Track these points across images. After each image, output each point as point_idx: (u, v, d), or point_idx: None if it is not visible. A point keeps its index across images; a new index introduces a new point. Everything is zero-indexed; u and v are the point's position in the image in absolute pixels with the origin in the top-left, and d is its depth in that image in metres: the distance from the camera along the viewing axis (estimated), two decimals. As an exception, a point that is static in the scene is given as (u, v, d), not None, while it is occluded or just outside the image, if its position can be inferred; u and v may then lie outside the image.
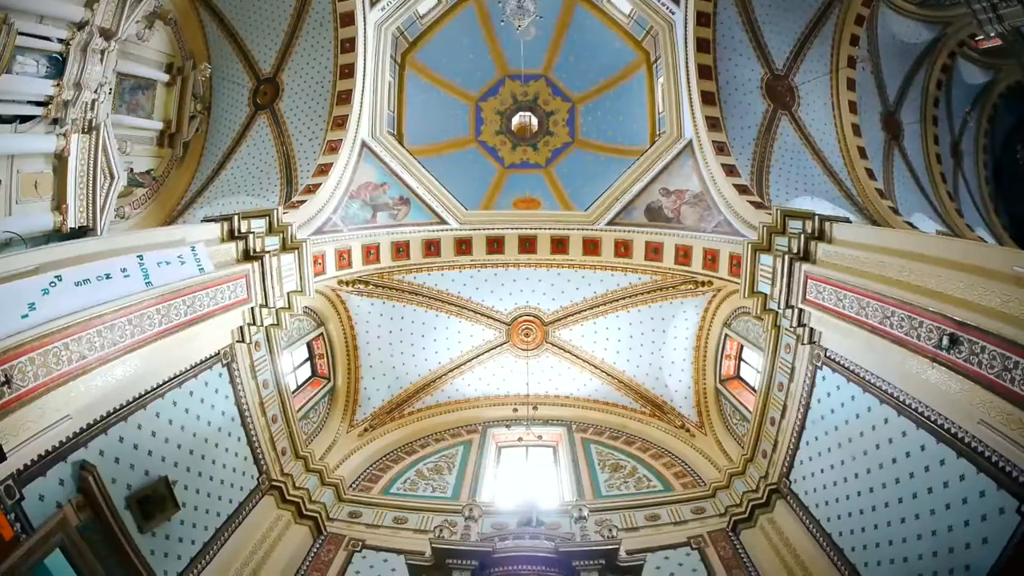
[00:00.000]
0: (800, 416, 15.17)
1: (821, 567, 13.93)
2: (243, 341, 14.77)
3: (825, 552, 14.02)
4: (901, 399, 11.54)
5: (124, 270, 11.01)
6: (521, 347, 21.71)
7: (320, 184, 16.56)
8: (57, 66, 12.28)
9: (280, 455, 16.95)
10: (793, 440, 15.52)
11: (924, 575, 10.95)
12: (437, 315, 20.78)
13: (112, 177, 12.74)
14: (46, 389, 9.17)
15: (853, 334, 12.42)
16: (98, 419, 10.67)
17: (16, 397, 8.64)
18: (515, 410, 22.32)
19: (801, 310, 13.96)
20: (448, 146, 18.68)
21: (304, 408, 19.14)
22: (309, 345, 19.91)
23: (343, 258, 17.24)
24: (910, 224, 12.95)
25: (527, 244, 19.11)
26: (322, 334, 20.02)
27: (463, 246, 18.95)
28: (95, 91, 12.03)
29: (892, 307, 11.19)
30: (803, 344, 14.43)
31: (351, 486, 19.06)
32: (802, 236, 13.68)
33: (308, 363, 20.40)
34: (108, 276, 10.61)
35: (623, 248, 18.30)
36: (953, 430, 10.25)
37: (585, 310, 20.79)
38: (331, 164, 16.88)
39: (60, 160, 11.44)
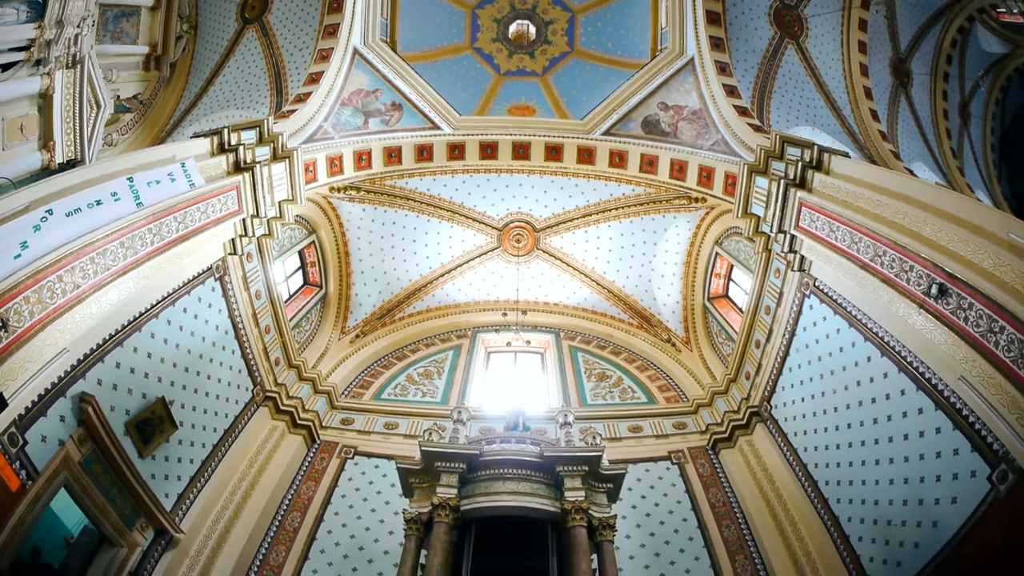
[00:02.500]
0: (785, 342, 15.47)
1: (795, 495, 14.61)
2: (235, 253, 14.82)
3: (800, 481, 14.68)
4: (886, 340, 11.77)
5: (114, 194, 10.97)
6: (512, 253, 21.83)
7: (311, 93, 16.22)
8: (38, 9, 11.79)
9: (273, 366, 17.31)
10: (777, 365, 15.88)
11: (894, 521, 11.47)
12: (429, 220, 20.78)
13: (99, 106, 12.46)
14: (42, 325, 9.31)
15: (843, 267, 12.58)
16: (95, 347, 10.83)
17: (13, 340, 8.79)
18: (504, 315, 22.64)
19: (793, 236, 14.06)
20: (442, 53, 18.19)
21: (296, 317, 19.38)
22: (301, 254, 19.96)
23: (334, 165, 17.07)
24: (910, 171, 12.84)
25: (521, 151, 18.90)
26: (313, 242, 20.05)
27: (456, 151, 18.73)
28: (77, 25, 11.62)
29: (884, 246, 11.33)
30: (793, 271, 14.62)
31: (343, 393, 19.57)
32: (799, 164, 13.64)
33: (300, 272, 20.50)
34: (99, 202, 10.59)
35: (618, 159, 18.15)
36: (934, 381, 10.50)
37: (577, 218, 20.81)
38: (322, 73, 16.48)
39: (45, 99, 11.16)
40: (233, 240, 14.52)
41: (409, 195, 19.88)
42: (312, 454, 17.22)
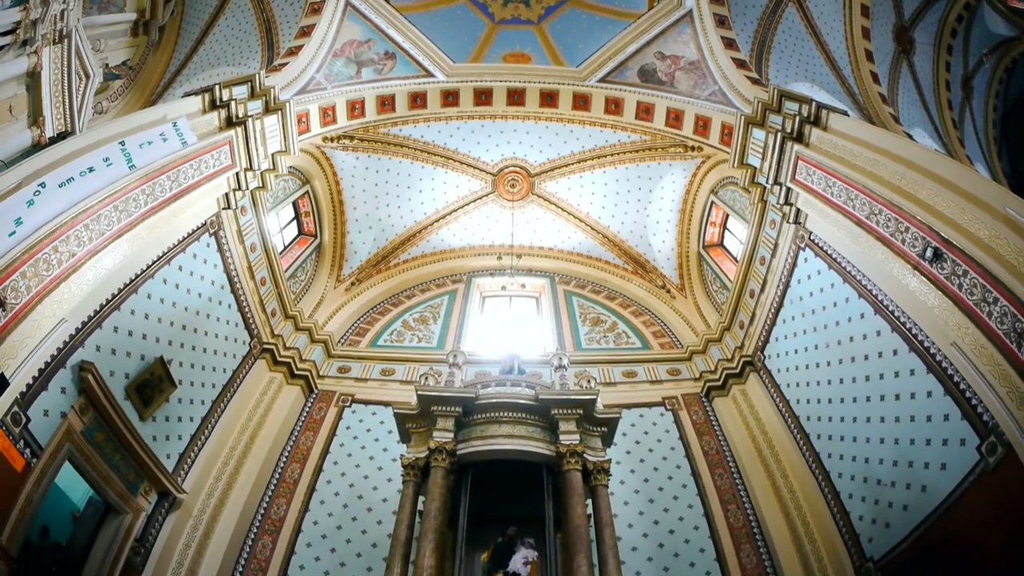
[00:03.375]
0: (779, 293, 15.51)
1: (787, 447, 14.84)
2: (229, 208, 14.69)
3: (792, 433, 14.90)
4: (879, 298, 11.79)
5: (106, 159, 10.81)
6: (507, 198, 21.68)
7: (302, 46, 15.83)
8: (23, -9, 11.53)
9: (270, 317, 17.32)
10: (770, 316, 15.95)
11: (884, 481, 11.65)
12: (423, 166, 20.54)
13: (87, 77, 12.15)
14: (39, 299, 9.27)
15: (838, 223, 12.53)
16: (92, 314, 10.82)
17: (12, 317, 8.75)
18: (499, 259, 22.61)
19: (789, 189, 13.96)
20: (436, 2, 17.66)
21: (292, 267, 19.30)
22: (295, 204, 19.75)
23: (327, 115, 16.79)
24: (909, 136, 12.68)
25: (516, 97, 18.60)
26: (308, 192, 19.83)
27: (450, 98, 18.42)
28: (64, 1, 11.30)
29: (880, 205, 11.28)
30: (788, 223, 14.55)
31: (339, 341, 19.63)
32: (797, 118, 13.42)
33: (294, 222, 20.34)
34: (91, 169, 10.43)
35: (614, 106, 17.89)
36: (926, 344, 10.55)
37: (572, 164, 20.60)
38: (314, 25, 16.05)
39: (33, 77, 10.87)
40: (227, 194, 14.36)
41: (403, 142, 19.63)
42: (310, 404, 17.36)
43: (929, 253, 10.08)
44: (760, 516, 14.21)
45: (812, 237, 13.99)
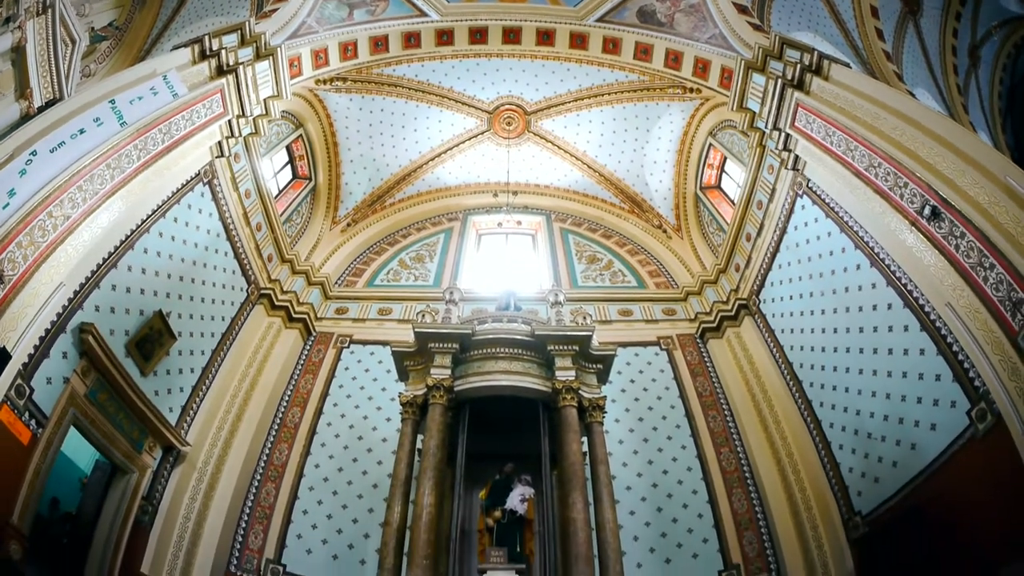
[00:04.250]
0: (776, 238, 15.48)
1: (780, 393, 15.04)
2: (222, 155, 14.51)
3: (785, 380, 15.07)
4: (876, 251, 11.79)
5: (97, 119, 10.63)
6: (503, 136, 21.34)
7: (292, -9, 15.46)
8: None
9: (266, 262, 17.31)
10: (767, 260, 15.94)
11: (874, 435, 11.83)
12: (418, 106, 20.15)
13: (73, 42, 11.76)
14: (36, 266, 9.23)
15: (837, 172, 12.43)
16: (89, 275, 10.79)
17: (10, 289, 8.72)
18: (495, 196, 22.41)
19: (788, 135, 13.76)
20: (429, -60, 17.20)
21: (287, 211, 19.13)
22: (288, 148, 19.44)
23: (319, 58, 16.39)
24: (912, 95, 12.43)
25: (511, 35, 18.11)
26: (301, 135, 19.48)
27: (444, 37, 17.93)
28: None
29: (880, 159, 11.17)
30: (786, 169, 14.41)
31: (336, 283, 19.65)
32: (798, 66, 13.13)
33: (288, 166, 20.07)
34: (82, 131, 10.28)
35: (611, 45, 17.44)
36: (921, 301, 10.58)
37: (569, 102, 20.19)
38: (304, -31, 15.63)
39: (18, 51, 10.55)
40: (220, 143, 14.15)
41: (397, 82, 19.22)
42: (308, 347, 17.50)
43: (927, 211, 10.03)
44: (752, 461, 14.47)
45: (810, 184, 13.87)
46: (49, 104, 10.41)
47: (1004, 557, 8.58)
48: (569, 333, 11.88)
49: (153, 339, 12.71)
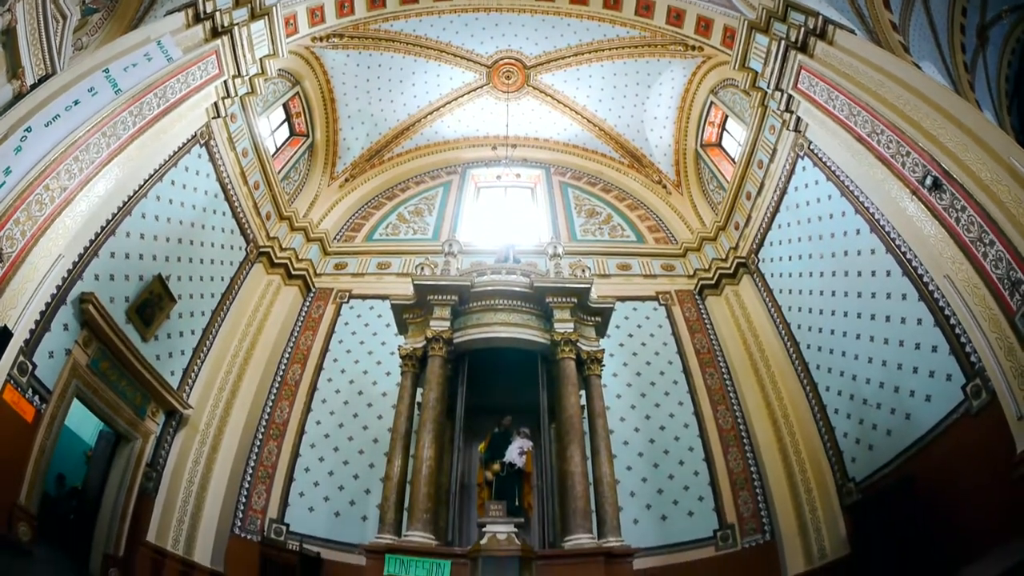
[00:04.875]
0: (776, 198, 15.56)
1: (777, 354, 15.26)
2: (219, 116, 14.52)
3: (783, 340, 15.28)
4: (876, 217, 11.87)
5: (91, 89, 10.63)
6: (502, 89, 21.23)
7: (287, -52, 15.26)
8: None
9: (265, 220, 17.41)
10: (766, 219, 16.05)
11: (870, 401, 12.03)
12: (416, 60, 20.01)
13: (64, 17, 11.62)
14: (35, 241, 9.33)
15: (839, 136, 12.41)
16: (88, 244, 10.91)
17: (9, 266, 8.84)
18: (494, 149, 22.33)
19: (791, 96, 13.71)
20: None
21: (284, 169, 19.15)
22: (285, 106, 19.38)
23: (315, 15, 16.24)
24: (917, 67, 12.33)
25: (511, -11, 18.19)
26: (298, 93, 19.40)
27: (443, -10, 17.98)
28: None
29: (883, 126, 11.16)
30: (788, 130, 14.41)
31: (335, 238, 19.82)
32: (802, 29, 13.04)
33: (286, 124, 20.04)
34: (76, 102, 10.29)
35: (612, 0, 17.50)
36: (920, 271, 10.69)
37: (569, 56, 20.06)
38: (298, -75, 15.43)
39: (8, 34, 10.46)
40: (216, 104, 14.13)
41: (394, 37, 19.06)
42: (308, 303, 17.73)
43: (929, 181, 10.05)
44: (748, 420, 14.76)
45: (811, 147, 13.92)
46: (42, 81, 10.43)
47: (994, 536, 8.69)
48: (568, 285, 12.03)
49: (153, 303, 12.88)
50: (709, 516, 13.64)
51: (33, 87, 10.30)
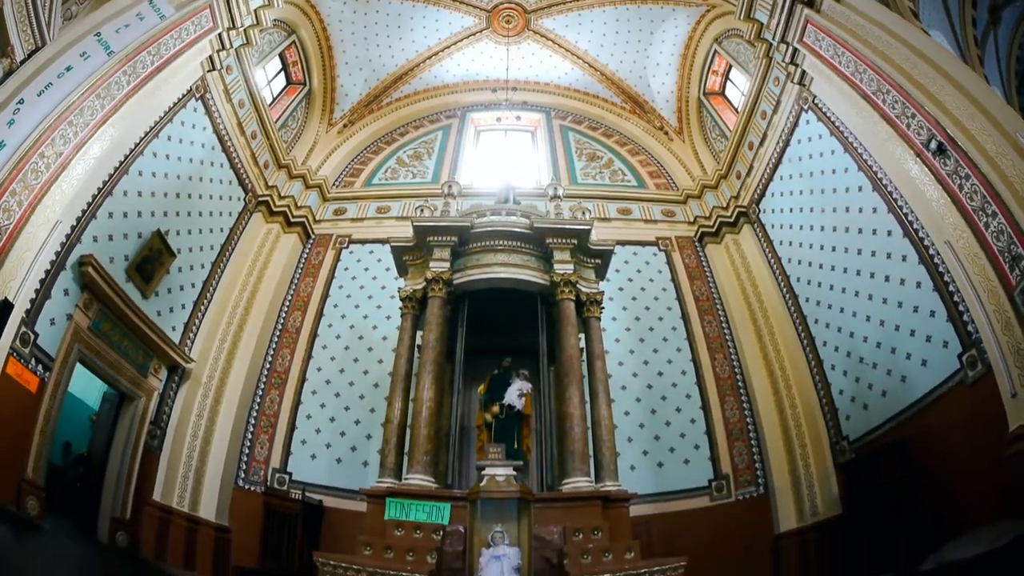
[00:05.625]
0: (778, 149, 15.68)
1: (775, 304, 15.56)
2: (214, 69, 14.63)
3: (781, 291, 15.57)
4: (879, 176, 11.99)
5: (83, 54, 10.76)
6: (502, 34, 21.17)
7: None
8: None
9: (263, 169, 17.59)
10: (768, 170, 16.20)
11: (866, 360, 12.32)
12: (414, 6, 19.93)
13: None
14: (32, 209, 9.50)
15: (844, 92, 12.46)
16: (85, 207, 11.10)
17: (7, 238, 9.04)
18: (494, 92, 22.38)
19: (796, 50, 13.73)
20: None
21: (282, 117, 19.26)
22: (281, 55, 19.39)
23: (311, -39, 16.33)
24: (926, 33, 12.21)
25: (511, -69, 18.06)
26: (294, 42, 19.40)
27: (441, -68, 17.84)
28: None
29: (888, 85, 11.19)
30: (793, 83, 14.47)
31: (334, 184, 20.02)
32: (809, -17, 13.01)
33: (282, 73, 20.07)
34: (69, 68, 10.42)
35: (615, -55, 17.38)
36: (921, 234, 10.83)
37: (570, 1, 20.03)
38: None
39: None
40: (211, 57, 14.21)
41: (392, -20, 19.12)
42: (308, 249, 18.01)
43: (933, 145, 10.12)
44: (745, 369, 15.13)
45: (816, 101, 13.97)
46: (32, 55, 10.49)
47: (983, 511, 8.87)
48: (568, 226, 12.10)
49: (153, 259, 13.13)
50: (704, 465, 14.02)
51: (23, 63, 10.34)
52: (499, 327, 12.09)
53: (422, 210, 12.77)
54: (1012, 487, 8.28)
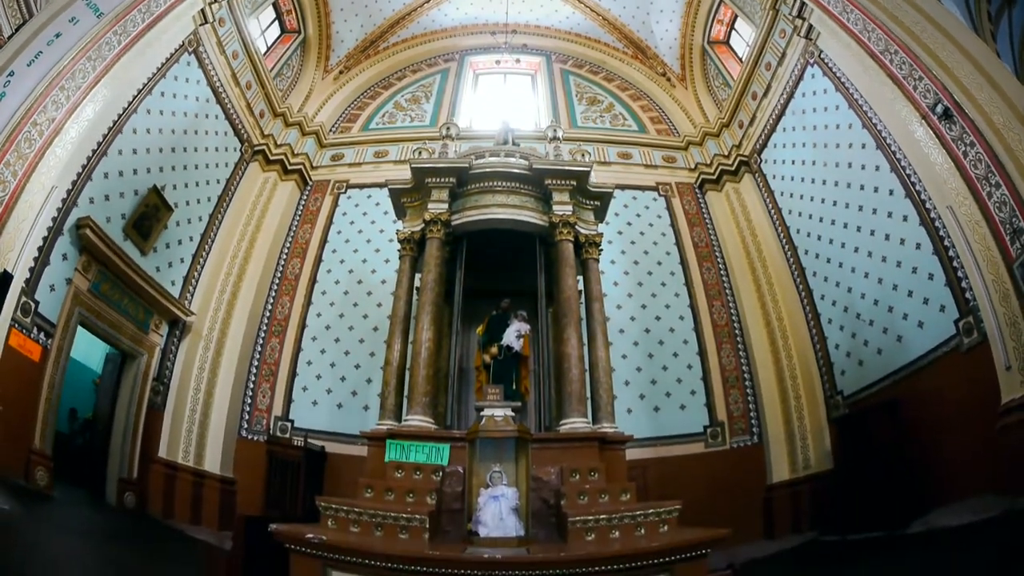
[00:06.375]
0: (782, 101, 15.77)
1: (775, 255, 15.82)
2: (206, 23, 14.73)
3: (781, 242, 15.80)
4: (883, 135, 12.08)
5: (72, 19, 10.90)
6: (502, -25, 21.12)
7: None
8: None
9: (258, 119, 17.72)
10: (771, 121, 16.30)
11: (863, 316, 12.59)
12: (411, -52, 19.91)
13: None
14: (27, 178, 9.69)
15: (851, 49, 12.55)
16: (80, 170, 11.26)
17: (4, 209, 9.23)
18: (493, 35, 22.30)
19: (804, 3, 13.85)
20: None
21: (277, 66, 19.31)
22: (275, 4, 19.37)
23: (304, -95, 16.16)
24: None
25: None
26: (288, -11, 19.36)
27: None
28: None
29: (897, 47, 11.30)
30: (799, 36, 14.51)
31: (331, 130, 20.13)
32: (818, -61, 13.06)
33: (276, 22, 20.02)
34: (58, 35, 10.57)
35: None
36: (923, 196, 10.98)
37: (570, -58, 19.96)
38: None
39: None
40: (203, 10, 14.31)
41: (388, -77, 18.90)
42: (305, 196, 18.20)
43: (940, 109, 10.24)
44: (743, 318, 15.44)
45: (822, 56, 14.00)
46: (20, 28, 10.48)
47: (971, 481, 9.07)
48: (567, 167, 12.00)
49: (150, 216, 13.35)
50: (700, 411, 14.39)
51: (10, 38, 10.37)
52: (497, 269, 12.12)
53: (420, 152, 12.66)
54: (1000, 459, 8.53)
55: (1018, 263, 8.77)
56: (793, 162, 15.45)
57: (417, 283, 11.77)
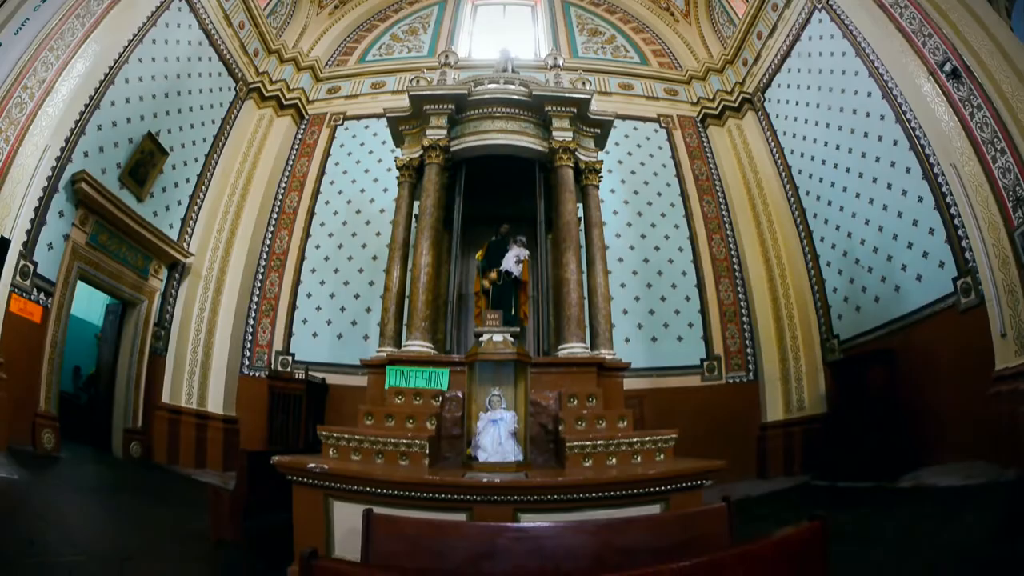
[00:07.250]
0: (788, 43, 15.78)
1: (775, 192, 16.00)
2: (196, -36, 14.81)
3: (782, 181, 15.99)
4: (889, 86, 12.11)
5: None
6: (500, -98, 20.78)
7: None
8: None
9: (252, 58, 17.75)
10: (776, 61, 16.33)
11: (862, 262, 12.83)
12: None
13: None
14: (19, 141, 9.86)
15: None
16: (73, 126, 11.33)
17: None
18: (492, -35, 21.99)
19: (813, -55, 13.88)
20: None
21: (270, 4, 19.09)
22: (267, -60, 18.96)
23: None
24: None
25: None
26: (279, -74, 19.06)
27: None
28: None
29: (908, 2, 11.31)
30: (807, -21, 14.58)
31: (327, 64, 20.10)
32: None
33: (269, -42, 19.64)
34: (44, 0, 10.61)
35: None
36: (927, 151, 11.07)
37: None
38: None
39: None
40: (191, -48, 14.39)
41: None
42: (302, 130, 18.29)
43: (948, 67, 10.31)
44: (741, 252, 15.69)
45: (830, 1, 13.94)
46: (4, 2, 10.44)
47: (960, 444, 9.37)
48: (568, 94, 11.74)
49: (145, 162, 13.47)
50: (697, 344, 14.71)
51: None
52: (497, 195, 12.11)
53: (418, 81, 12.57)
54: (991, 424, 8.78)
55: (1019, 231, 8.95)
56: (797, 103, 15.54)
57: (416, 210, 11.82)
